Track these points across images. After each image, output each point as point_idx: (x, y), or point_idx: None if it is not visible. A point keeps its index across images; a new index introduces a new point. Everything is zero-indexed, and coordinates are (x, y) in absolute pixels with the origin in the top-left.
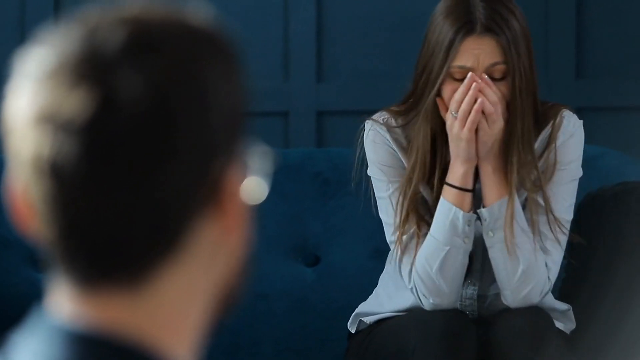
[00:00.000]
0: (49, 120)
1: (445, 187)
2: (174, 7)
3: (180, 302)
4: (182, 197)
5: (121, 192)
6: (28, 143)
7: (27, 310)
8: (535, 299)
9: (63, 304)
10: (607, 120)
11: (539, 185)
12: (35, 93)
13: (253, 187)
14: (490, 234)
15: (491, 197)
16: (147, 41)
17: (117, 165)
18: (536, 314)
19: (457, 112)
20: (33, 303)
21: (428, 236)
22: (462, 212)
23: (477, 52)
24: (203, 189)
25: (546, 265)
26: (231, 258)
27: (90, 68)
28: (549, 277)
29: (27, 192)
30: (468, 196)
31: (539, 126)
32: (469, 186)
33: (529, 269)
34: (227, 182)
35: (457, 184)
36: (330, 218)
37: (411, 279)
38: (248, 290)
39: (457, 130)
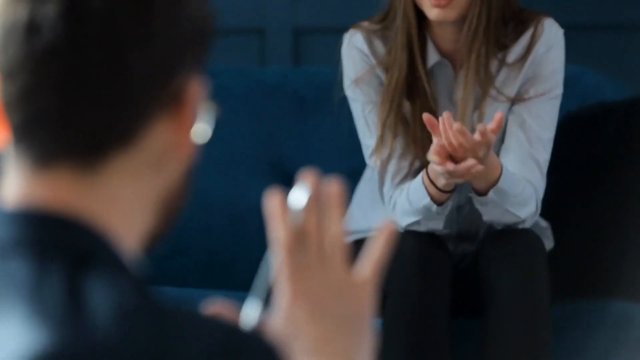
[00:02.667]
0: None
1: (424, 175)
2: None
3: (128, 196)
4: (146, 90)
5: (92, 67)
6: (6, 13)
7: None
8: (527, 226)
9: (14, 185)
10: (585, 39)
11: (520, 98)
12: None
13: (205, 117)
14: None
15: (482, 188)
16: None
17: (91, 37)
18: (527, 237)
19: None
20: None
21: (406, 191)
22: (435, 206)
23: None
24: (168, 89)
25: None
26: (179, 168)
27: None
28: (536, 201)
29: None
30: (448, 195)
31: (517, 31)
32: (451, 188)
33: (520, 208)
34: (188, 93)
35: (439, 186)
36: (307, 138)
37: (391, 202)
38: (192, 204)
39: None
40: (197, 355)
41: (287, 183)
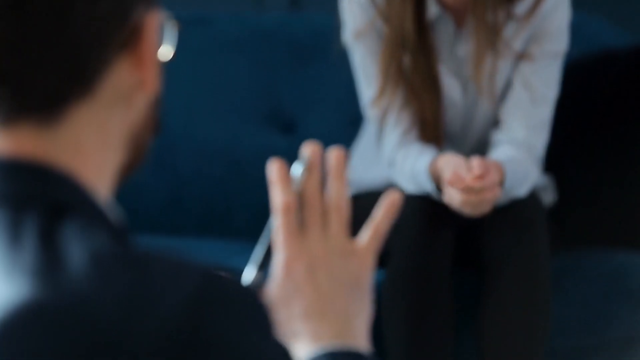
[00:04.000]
0: None
1: (425, 165)
2: None
3: (94, 141)
4: (101, 35)
5: (41, 21)
6: None
7: None
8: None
9: None
10: None
11: (527, 55)
12: None
13: (167, 41)
14: None
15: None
16: None
17: None
18: (526, 201)
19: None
20: None
21: (410, 167)
22: (440, 193)
23: None
24: (123, 31)
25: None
26: (145, 103)
27: None
28: (534, 177)
29: None
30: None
31: None
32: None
33: (519, 189)
34: (146, 30)
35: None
36: (305, 85)
37: (393, 161)
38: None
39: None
40: (174, 301)
41: (285, 131)
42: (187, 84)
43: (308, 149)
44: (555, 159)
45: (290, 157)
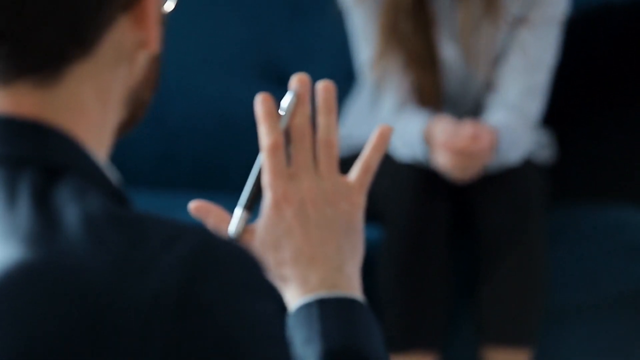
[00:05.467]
0: None
1: (419, 128)
2: None
3: (93, 101)
4: None
5: None
6: None
7: None
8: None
9: None
10: None
11: (525, 20)
12: None
13: None
14: None
15: None
16: None
17: None
18: (522, 173)
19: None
20: None
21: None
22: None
23: None
24: None
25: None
26: (145, 61)
27: None
28: (527, 143)
29: None
30: None
31: None
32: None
33: (511, 154)
34: None
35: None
36: (300, 38)
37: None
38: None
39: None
40: (168, 263)
41: (280, 85)
42: (180, 37)
43: (297, 81)
44: (555, 114)
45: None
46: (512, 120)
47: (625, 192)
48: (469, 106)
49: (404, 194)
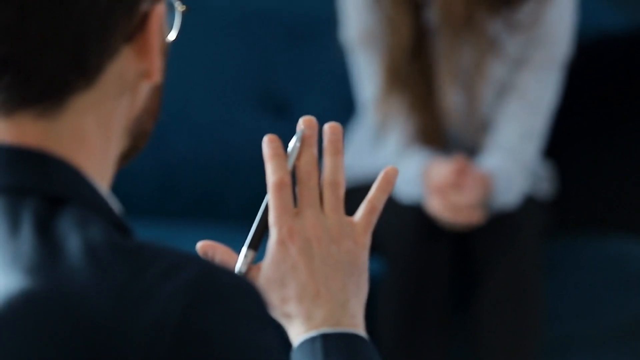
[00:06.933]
0: None
1: (418, 170)
2: None
3: (95, 131)
4: (106, 26)
5: (46, 8)
6: None
7: None
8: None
9: None
10: None
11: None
12: None
13: (172, 27)
14: None
15: None
16: None
17: None
18: (517, 216)
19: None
20: None
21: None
22: None
23: None
24: (128, 23)
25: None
26: (146, 97)
27: None
28: (522, 185)
29: None
30: None
31: None
32: None
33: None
34: (152, 21)
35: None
36: (300, 67)
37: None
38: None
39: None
40: (168, 293)
41: (279, 113)
42: (180, 66)
43: (304, 122)
44: (555, 146)
45: (284, 140)
46: (508, 164)
47: (626, 223)
48: (471, 145)
49: (406, 233)
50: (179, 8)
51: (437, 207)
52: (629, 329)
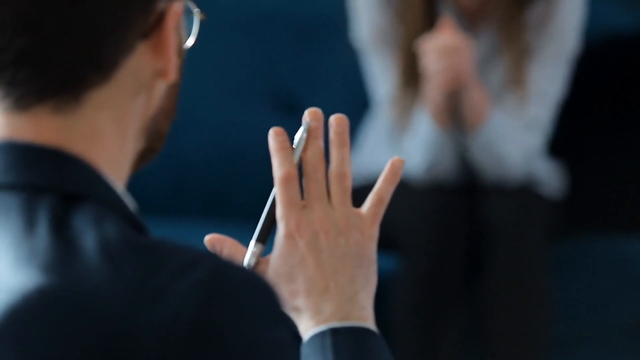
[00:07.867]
0: None
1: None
2: None
3: (111, 129)
4: (122, 21)
5: (65, 2)
6: None
7: None
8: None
9: None
10: None
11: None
12: None
13: (190, 29)
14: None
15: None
16: None
17: None
18: (524, 201)
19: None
20: None
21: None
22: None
23: None
24: (145, 19)
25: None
26: (163, 90)
27: None
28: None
29: None
30: None
31: None
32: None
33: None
34: (169, 19)
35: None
36: (310, 66)
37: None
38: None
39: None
40: (182, 291)
41: (291, 114)
42: (192, 65)
43: (309, 114)
44: (564, 145)
45: (292, 136)
46: (512, 124)
47: (633, 223)
48: None
49: (421, 229)
50: (198, 15)
51: (435, 67)
52: (635, 328)
